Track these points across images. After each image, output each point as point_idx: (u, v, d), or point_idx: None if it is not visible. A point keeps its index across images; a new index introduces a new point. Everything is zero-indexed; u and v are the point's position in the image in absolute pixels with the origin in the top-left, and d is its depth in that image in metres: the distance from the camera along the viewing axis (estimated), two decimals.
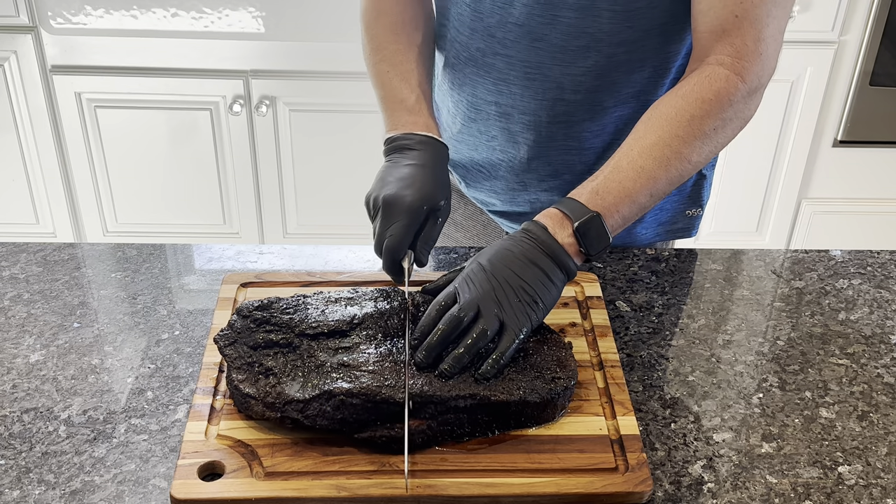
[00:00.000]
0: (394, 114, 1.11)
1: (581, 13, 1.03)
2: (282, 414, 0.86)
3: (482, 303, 0.89)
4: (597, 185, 0.96)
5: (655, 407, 0.96)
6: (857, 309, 1.12)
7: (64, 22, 2.13)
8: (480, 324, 0.89)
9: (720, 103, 0.98)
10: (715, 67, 0.99)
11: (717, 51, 0.99)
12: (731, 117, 0.99)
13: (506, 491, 0.83)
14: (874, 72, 2.21)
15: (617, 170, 0.97)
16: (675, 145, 0.97)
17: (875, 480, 0.88)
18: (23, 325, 1.05)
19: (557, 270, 0.93)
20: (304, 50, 2.19)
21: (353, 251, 1.21)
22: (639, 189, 0.96)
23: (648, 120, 0.99)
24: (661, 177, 0.97)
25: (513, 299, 0.90)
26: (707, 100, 0.97)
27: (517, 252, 0.92)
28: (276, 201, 2.39)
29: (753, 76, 0.99)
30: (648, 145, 0.97)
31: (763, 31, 0.99)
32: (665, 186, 0.98)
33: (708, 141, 0.99)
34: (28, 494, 0.83)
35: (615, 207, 0.95)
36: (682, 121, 0.97)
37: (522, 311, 0.90)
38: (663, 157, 0.97)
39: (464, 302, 0.90)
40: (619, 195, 0.96)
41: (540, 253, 0.92)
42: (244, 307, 0.95)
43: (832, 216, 2.45)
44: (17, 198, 2.37)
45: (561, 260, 0.93)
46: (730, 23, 0.98)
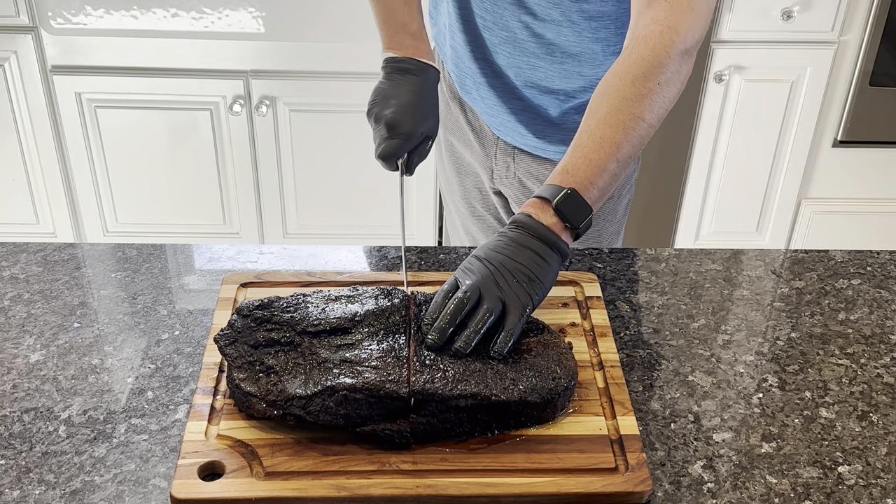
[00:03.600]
0: (396, 35, 1.27)
1: None
2: (284, 411, 0.86)
3: (483, 286, 0.93)
4: (565, 165, 1.01)
5: (655, 407, 0.96)
6: (857, 309, 1.12)
7: (64, 22, 2.13)
8: (484, 304, 0.92)
9: (658, 57, 1.02)
10: (650, 26, 1.04)
11: (653, 9, 1.04)
12: (674, 71, 1.04)
13: (506, 491, 0.83)
14: (874, 72, 2.20)
15: (579, 146, 1.01)
16: (627, 108, 1.01)
17: (875, 480, 0.88)
18: (23, 325, 1.05)
19: (549, 250, 0.96)
20: (304, 50, 2.19)
21: (353, 251, 1.21)
22: (605, 158, 1.00)
23: (597, 95, 1.04)
24: (623, 141, 1.01)
25: (511, 280, 0.94)
26: (645, 57, 1.02)
27: (507, 241, 0.96)
28: (276, 201, 2.39)
29: (686, 28, 1.04)
30: (603, 115, 1.01)
31: None
32: (629, 150, 1.02)
33: (656, 98, 1.03)
34: (28, 494, 0.83)
35: (588, 180, 0.99)
36: (627, 83, 1.02)
37: (522, 290, 0.94)
38: (619, 123, 1.01)
39: (465, 287, 0.93)
40: (588, 168, 1.00)
41: (529, 237, 0.96)
42: (244, 306, 0.95)
43: (832, 216, 2.45)
44: (17, 198, 2.37)
45: (550, 239, 0.96)
46: None
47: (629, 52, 1.04)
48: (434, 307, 0.94)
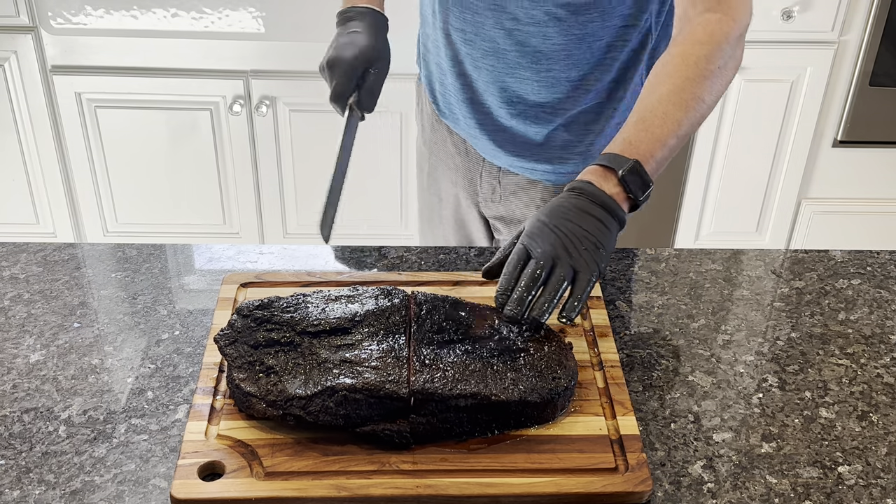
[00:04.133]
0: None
1: None
2: (284, 411, 0.86)
3: (555, 254, 0.95)
4: (628, 136, 1.02)
5: (655, 407, 0.96)
6: (857, 309, 1.12)
7: (64, 22, 2.13)
8: (558, 272, 0.94)
9: (717, 42, 1.06)
10: (703, 14, 1.07)
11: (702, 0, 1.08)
12: (730, 55, 1.08)
13: (506, 491, 0.83)
14: (874, 72, 2.20)
15: (642, 120, 1.03)
16: (690, 87, 1.04)
17: (875, 480, 0.88)
18: (23, 325, 1.05)
19: (611, 218, 0.98)
20: (304, 50, 2.19)
21: (353, 251, 1.21)
22: (667, 133, 1.02)
23: (657, 73, 1.07)
24: (683, 119, 1.03)
25: (580, 247, 0.96)
26: (704, 41, 1.06)
27: (571, 206, 0.98)
28: (276, 201, 2.39)
29: (740, 15, 1.09)
30: (665, 93, 1.04)
31: None
32: (688, 128, 1.04)
33: (715, 80, 1.06)
34: (28, 494, 0.83)
35: (650, 153, 1.01)
36: (690, 63, 1.05)
37: (591, 257, 0.96)
38: (681, 101, 1.04)
39: (539, 255, 0.95)
40: (651, 141, 1.02)
41: (592, 204, 0.98)
42: (244, 307, 0.95)
43: (832, 216, 2.45)
44: (17, 198, 2.37)
45: (611, 208, 0.98)
46: None
47: (686, 37, 1.07)
48: (508, 277, 0.96)
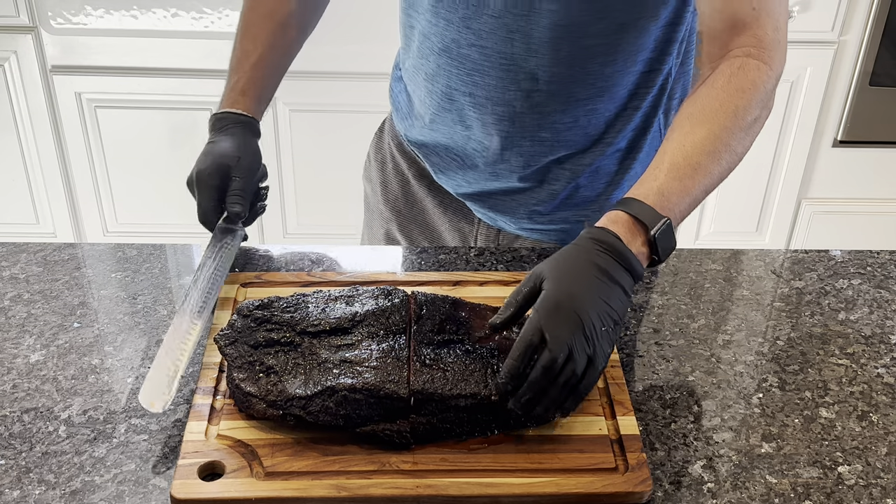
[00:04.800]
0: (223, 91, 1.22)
1: (556, 5, 1.04)
2: (284, 411, 0.86)
3: (573, 344, 0.84)
4: (661, 186, 0.94)
5: (655, 407, 0.96)
6: (857, 309, 1.12)
7: (64, 22, 2.13)
8: (571, 366, 0.84)
9: (757, 92, 0.99)
10: (743, 59, 1.00)
11: (741, 43, 1.01)
12: (765, 106, 1.01)
13: (506, 491, 0.83)
14: (874, 72, 2.21)
15: (675, 167, 0.95)
16: (725, 138, 0.97)
17: (875, 480, 0.88)
18: (23, 325, 1.05)
19: (633, 284, 0.90)
20: (304, 50, 2.19)
21: (353, 251, 1.21)
22: (696, 186, 0.96)
23: (692, 115, 0.99)
24: (715, 171, 0.97)
25: (600, 329, 0.85)
26: (746, 89, 0.99)
27: (597, 273, 0.87)
28: (276, 201, 2.39)
29: (778, 63, 1.03)
30: (700, 140, 0.96)
31: (779, 20, 1.03)
32: (717, 180, 0.98)
33: (750, 131, 1.00)
34: (28, 494, 0.83)
35: (678, 208, 0.94)
36: (728, 113, 0.98)
37: (608, 340, 0.87)
38: (715, 152, 0.96)
39: (555, 346, 0.83)
40: (681, 194, 0.95)
41: (619, 268, 0.88)
42: (244, 306, 0.95)
43: (832, 216, 2.45)
44: (17, 198, 2.37)
45: (637, 273, 0.90)
46: (749, 16, 1.01)
47: (727, 81, 0.99)
48: (517, 363, 0.84)
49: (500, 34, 1.08)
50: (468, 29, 1.09)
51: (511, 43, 1.08)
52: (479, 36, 1.09)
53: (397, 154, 1.35)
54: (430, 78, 1.18)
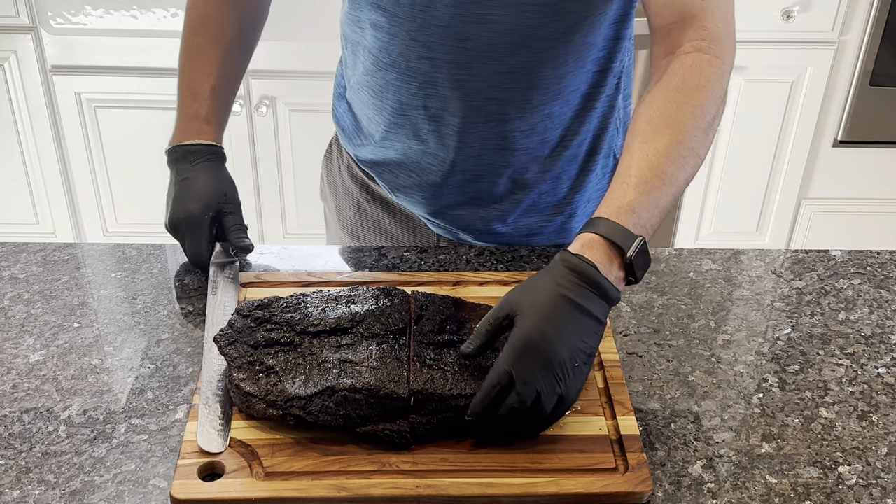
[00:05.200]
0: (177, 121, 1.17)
1: (508, 10, 1.02)
2: (284, 411, 0.86)
3: (542, 386, 0.83)
4: (631, 202, 0.90)
5: (655, 407, 0.96)
6: (857, 309, 1.12)
7: (64, 22, 2.13)
8: (540, 405, 0.84)
9: (713, 89, 0.97)
10: (695, 55, 0.98)
11: (690, 37, 0.99)
12: (722, 101, 0.99)
13: (506, 491, 0.83)
14: (874, 72, 2.21)
15: (643, 180, 0.91)
16: (688, 142, 0.94)
17: (875, 480, 0.88)
18: (23, 325, 1.05)
19: (608, 309, 0.88)
20: (304, 50, 2.19)
21: (353, 251, 1.21)
22: (665, 196, 0.92)
23: (651, 120, 0.95)
24: (681, 178, 0.94)
25: (572, 367, 0.84)
26: (702, 87, 0.96)
27: (571, 307, 0.84)
28: (276, 201, 2.39)
29: (729, 56, 1.00)
30: (664, 147, 0.93)
31: (727, 11, 1.01)
32: (683, 187, 0.95)
33: (710, 130, 0.97)
34: (28, 494, 0.83)
35: (650, 222, 0.91)
36: (687, 115, 0.95)
37: (580, 377, 0.85)
38: (680, 157, 0.93)
39: (522, 388, 0.82)
40: (652, 207, 0.91)
41: (595, 299, 0.86)
42: (244, 307, 0.95)
43: (832, 216, 2.45)
44: (17, 198, 2.37)
45: (614, 300, 0.87)
46: (697, 7, 0.99)
47: (681, 81, 0.96)
48: (483, 400, 0.84)
49: (451, 44, 1.05)
50: (415, 42, 1.06)
51: (462, 52, 1.05)
52: (429, 48, 1.06)
53: (347, 178, 1.32)
54: (379, 94, 1.15)
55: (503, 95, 1.09)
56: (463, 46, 1.05)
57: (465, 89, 1.08)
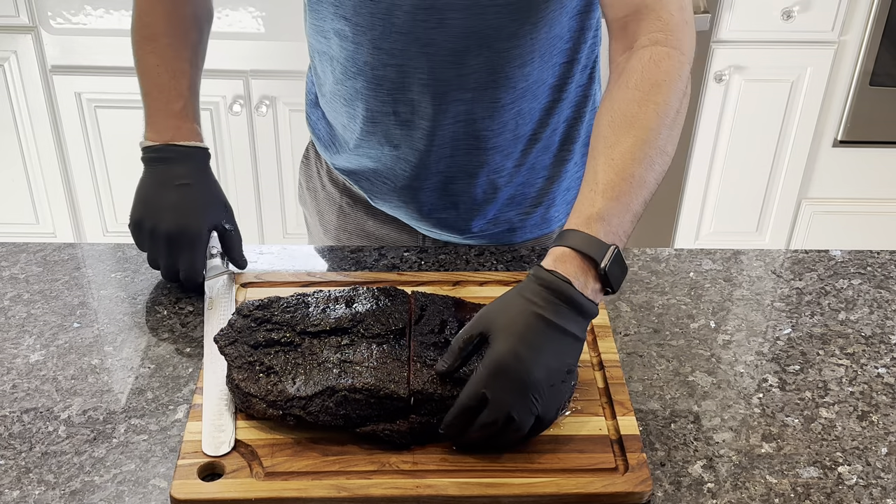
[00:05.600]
0: (155, 116, 1.10)
1: (466, 12, 1.02)
2: (284, 411, 0.86)
3: (516, 409, 0.82)
4: (601, 210, 0.87)
5: (655, 407, 0.96)
6: (857, 309, 1.12)
7: (64, 22, 2.13)
8: (515, 425, 0.83)
9: (674, 83, 0.93)
10: (652, 48, 0.94)
11: (645, 29, 0.95)
12: (685, 94, 0.95)
13: (506, 491, 0.83)
14: (874, 72, 2.21)
15: (610, 185, 0.88)
16: (653, 140, 0.90)
17: (875, 480, 0.88)
18: (23, 325, 1.05)
19: (586, 324, 0.86)
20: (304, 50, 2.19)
21: (353, 251, 1.21)
22: (635, 199, 0.89)
23: (612, 122, 0.92)
24: (650, 178, 0.90)
25: (548, 387, 0.83)
26: (661, 83, 0.92)
27: (546, 326, 0.83)
28: (276, 201, 2.39)
29: (688, 46, 0.96)
30: (629, 149, 0.90)
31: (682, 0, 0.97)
32: (653, 187, 0.92)
33: (675, 126, 0.93)
34: (28, 494, 0.83)
35: (622, 228, 0.88)
36: (650, 112, 0.91)
37: (559, 393, 0.85)
38: (646, 157, 0.90)
39: (494, 409, 0.82)
40: (622, 213, 0.88)
41: (571, 316, 0.84)
42: (244, 306, 0.95)
43: (832, 216, 2.45)
44: (17, 198, 2.37)
45: (592, 314, 0.86)
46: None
47: (640, 78, 0.93)
48: (453, 419, 0.84)
49: (413, 49, 1.05)
50: (379, 49, 1.06)
51: (425, 57, 1.05)
52: (392, 55, 1.06)
53: (328, 183, 1.31)
54: (349, 102, 1.15)
55: (470, 96, 1.09)
56: (426, 52, 1.05)
57: (431, 93, 1.08)
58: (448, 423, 0.85)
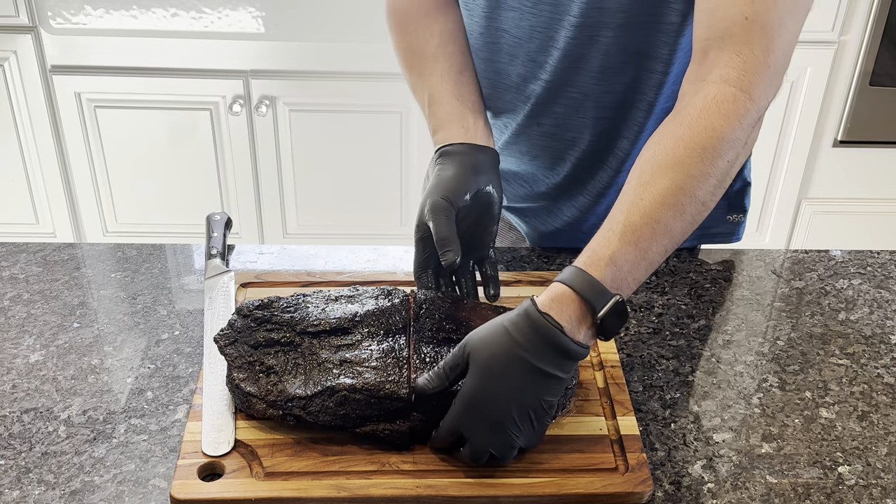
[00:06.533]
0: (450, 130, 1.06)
1: (618, 31, 1.00)
2: (284, 411, 0.86)
3: (495, 445, 0.82)
4: (614, 253, 0.82)
5: (655, 407, 0.96)
6: (857, 309, 1.12)
7: (64, 22, 2.13)
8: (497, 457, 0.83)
9: (732, 131, 0.85)
10: (720, 86, 0.86)
11: (722, 62, 0.87)
12: (742, 145, 0.87)
13: (506, 491, 0.83)
14: (874, 72, 2.21)
15: (631, 228, 0.83)
16: (690, 188, 0.84)
17: (875, 480, 0.88)
18: (23, 325, 1.05)
19: (574, 363, 0.83)
20: (304, 50, 2.19)
21: (353, 251, 1.21)
22: (655, 248, 0.84)
23: (653, 159, 0.86)
24: (677, 228, 0.84)
25: (526, 422, 0.82)
26: (717, 128, 0.84)
27: (528, 369, 0.80)
28: (276, 201, 2.39)
29: (762, 93, 0.87)
30: (661, 192, 0.84)
31: (774, 41, 0.86)
32: (679, 238, 0.86)
33: (722, 179, 0.86)
34: (28, 494, 0.83)
35: (632, 276, 0.83)
36: (695, 157, 0.84)
37: (542, 423, 0.83)
38: (678, 205, 0.84)
39: (474, 447, 0.82)
40: (637, 260, 0.83)
41: (557, 360, 0.81)
42: (244, 306, 0.95)
43: (832, 216, 2.45)
44: (17, 198, 2.37)
45: (579, 357, 0.82)
46: (738, 26, 0.86)
47: (696, 117, 0.85)
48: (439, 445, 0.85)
49: (564, 64, 1.05)
50: (533, 62, 1.07)
51: (576, 72, 1.05)
52: (544, 68, 1.07)
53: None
54: (496, 114, 1.16)
55: (612, 114, 1.08)
56: (576, 66, 1.05)
57: (577, 107, 1.08)
58: (435, 447, 0.86)
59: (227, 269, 1.10)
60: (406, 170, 2.34)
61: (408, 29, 1.15)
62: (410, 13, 1.15)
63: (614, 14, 0.99)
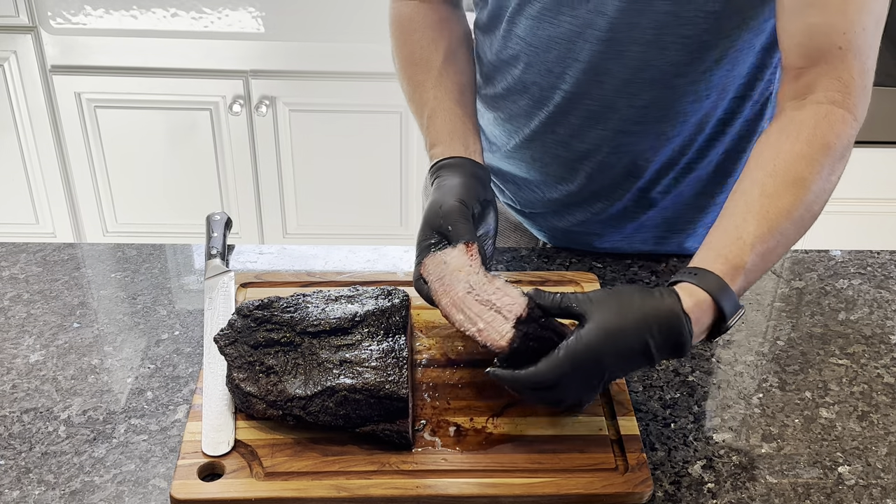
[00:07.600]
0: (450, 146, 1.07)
1: (647, 47, 1.00)
2: (284, 411, 0.86)
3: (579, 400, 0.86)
4: (748, 265, 0.86)
5: (655, 407, 0.96)
6: (857, 309, 1.12)
7: (64, 22, 2.13)
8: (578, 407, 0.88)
9: (844, 148, 0.91)
10: (829, 107, 0.91)
11: (823, 86, 0.92)
12: (847, 161, 0.93)
13: (506, 491, 0.83)
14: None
15: (762, 240, 0.87)
16: (810, 203, 0.89)
17: (875, 480, 0.88)
18: (23, 325, 1.05)
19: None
20: (304, 50, 2.19)
21: (353, 251, 1.21)
22: (775, 258, 0.89)
23: (775, 172, 0.89)
24: (794, 239, 0.90)
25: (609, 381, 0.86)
26: (832, 146, 0.90)
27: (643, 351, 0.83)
28: (276, 201, 2.39)
29: (862, 112, 0.93)
30: (787, 207, 0.88)
31: (866, 63, 0.93)
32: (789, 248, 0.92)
33: (832, 192, 0.91)
34: (28, 494, 0.83)
35: (748, 286, 0.89)
36: (815, 174, 0.89)
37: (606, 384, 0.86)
38: (800, 219, 0.89)
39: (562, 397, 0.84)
40: (760, 270, 0.89)
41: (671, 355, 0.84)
42: (244, 306, 0.95)
43: (832, 216, 2.44)
44: (17, 198, 2.37)
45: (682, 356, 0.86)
46: (835, 56, 0.91)
47: (812, 134, 0.90)
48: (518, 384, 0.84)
49: (587, 77, 1.04)
50: (551, 73, 1.06)
51: (598, 86, 1.04)
52: (564, 79, 1.06)
53: None
54: (508, 119, 1.15)
55: (638, 128, 1.07)
56: (599, 80, 1.04)
57: (597, 119, 1.07)
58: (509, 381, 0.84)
59: (227, 269, 1.10)
60: (406, 170, 2.34)
61: (412, 38, 1.15)
62: (416, 22, 1.15)
63: (645, 30, 0.99)
